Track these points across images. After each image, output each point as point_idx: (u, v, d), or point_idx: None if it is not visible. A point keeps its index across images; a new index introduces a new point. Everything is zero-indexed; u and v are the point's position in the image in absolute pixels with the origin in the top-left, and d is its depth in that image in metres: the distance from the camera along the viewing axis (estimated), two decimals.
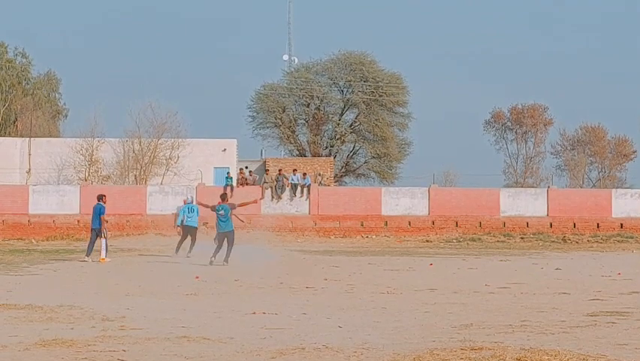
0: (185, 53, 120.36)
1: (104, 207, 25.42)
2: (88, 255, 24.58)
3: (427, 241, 42.52)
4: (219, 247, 23.16)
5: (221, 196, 24.28)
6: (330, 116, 66.69)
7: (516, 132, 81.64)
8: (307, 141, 66.39)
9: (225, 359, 7.55)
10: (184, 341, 8.58)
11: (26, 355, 7.71)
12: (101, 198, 25.87)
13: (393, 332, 9.34)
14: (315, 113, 65.85)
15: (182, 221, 27.13)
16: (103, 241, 24.83)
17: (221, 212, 23.20)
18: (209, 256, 22.70)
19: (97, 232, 25.11)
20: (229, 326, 9.86)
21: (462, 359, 7.43)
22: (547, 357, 7.41)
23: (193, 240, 26.72)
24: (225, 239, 23.00)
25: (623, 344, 8.49)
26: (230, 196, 42.08)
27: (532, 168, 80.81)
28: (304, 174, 48.33)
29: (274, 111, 65.44)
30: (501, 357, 7.41)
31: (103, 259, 24.29)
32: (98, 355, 7.70)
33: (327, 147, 65.94)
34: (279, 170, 48.78)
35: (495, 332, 9.29)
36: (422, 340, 8.69)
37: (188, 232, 26.84)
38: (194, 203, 28.27)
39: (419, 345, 8.28)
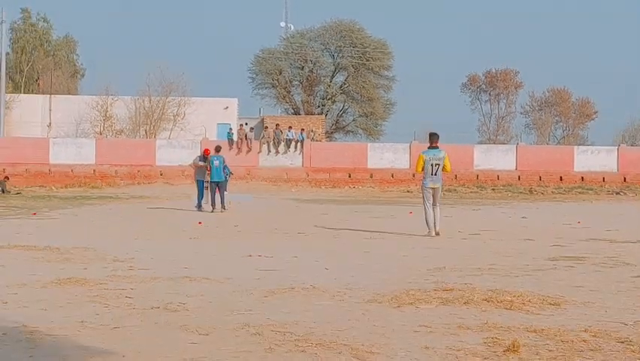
0: (193, 19, 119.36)
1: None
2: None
3: (408, 191, 42.58)
4: (213, 195, 23.11)
5: (215, 148, 24.20)
6: (322, 78, 66.44)
7: (490, 94, 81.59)
8: (301, 101, 66.22)
9: (223, 297, 7.55)
10: (186, 281, 8.58)
11: (43, 292, 7.70)
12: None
13: (375, 274, 9.35)
14: (309, 75, 65.56)
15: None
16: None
17: (216, 162, 23.18)
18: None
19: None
20: (227, 268, 9.85)
21: (435, 298, 7.44)
22: (510, 297, 7.43)
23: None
24: (217, 187, 23.06)
25: (579, 286, 8.51)
26: (230, 149, 42.09)
27: (504, 126, 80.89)
28: (302, 130, 48.28)
29: (271, 73, 65.16)
30: (469, 297, 7.42)
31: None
32: (108, 293, 7.69)
33: (319, 106, 65.77)
34: (277, 125, 48.67)
35: (465, 275, 9.30)
36: (400, 281, 8.70)
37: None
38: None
39: (397, 286, 8.29)
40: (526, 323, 6.37)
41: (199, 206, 23.45)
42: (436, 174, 14.92)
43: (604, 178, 46.49)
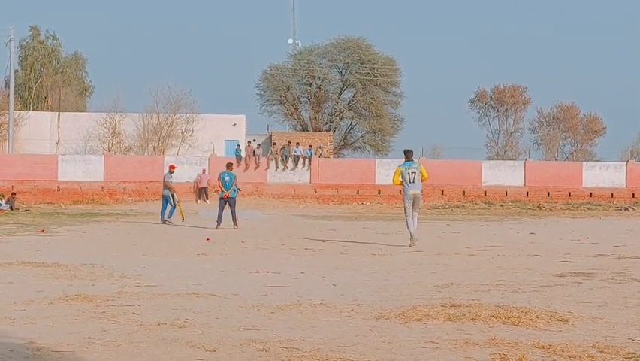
0: (200, 36, 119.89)
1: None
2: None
3: None
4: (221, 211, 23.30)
5: (227, 165, 24.45)
6: (330, 94, 66.51)
7: (497, 110, 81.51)
8: (309, 117, 66.30)
9: (229, 313, 7.55)
10: (193, 297, 8.58)
11: (50, 308, 7.72)
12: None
13: (382, 290, 9.33)
14: (317, 91, 65.66)
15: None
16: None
17: (226, 178, 23.34)
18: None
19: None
20: (234, 284, 9.85)
21: (442, 314, 7.42)
22: (518, 313, 7.40)
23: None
24: (227, 203, 23.16)
25: (587, 301, 8.49)
26: (238, 166, 42.15)
27: (512, 142, 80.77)
28: (310, 146, 48.39)
29: (279, 90, 65.29)
30: (477, 313, 7.41)
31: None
32: (115, 309, 7.69)
33: (327, 123, 65.83)
34: (288, 141, 48.72)
35: (473, 291, 9.28)
36: (407, 297, 8.68)
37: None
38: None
39: (404, 302, 8.27)
40: (533, 339, 6.35)
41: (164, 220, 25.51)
42: (414, 182, 16.58)
43: (612, 194, 46.36)
